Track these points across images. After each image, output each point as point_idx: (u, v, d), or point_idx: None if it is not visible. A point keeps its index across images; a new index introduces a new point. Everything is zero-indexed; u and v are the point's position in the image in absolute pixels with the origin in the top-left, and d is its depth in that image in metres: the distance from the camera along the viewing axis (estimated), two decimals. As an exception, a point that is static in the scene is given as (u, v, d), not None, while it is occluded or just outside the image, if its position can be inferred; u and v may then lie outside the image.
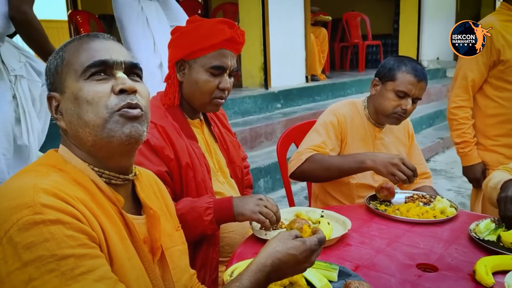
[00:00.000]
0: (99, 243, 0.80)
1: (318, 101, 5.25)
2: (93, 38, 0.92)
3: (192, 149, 1.53)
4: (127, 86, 0.88)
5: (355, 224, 1.51)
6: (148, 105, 0.93)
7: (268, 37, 4.81)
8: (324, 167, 1.80)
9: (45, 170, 0.84)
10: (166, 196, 1.12)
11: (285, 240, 0.96)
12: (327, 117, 1.94)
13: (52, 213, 0.74)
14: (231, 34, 1.49)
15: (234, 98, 4.23)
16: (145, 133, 0.91)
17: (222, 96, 1.55)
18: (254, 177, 3.41)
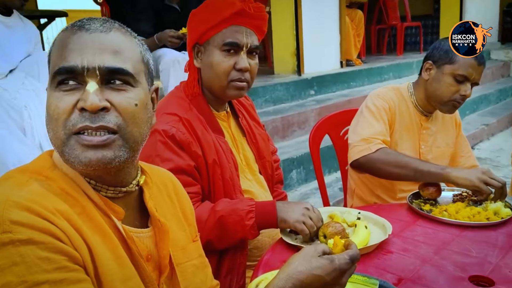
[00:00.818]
0: (84, 264, 0.68)
1: (354, 87, 5.02)
2: (75, 31, 0.75)
3: (219, 144, 1.41)
4: (88, 105, 0.71)
5: (396, 227, 1.36)
6: (132, 120, 0.76)
7: (300, 20, 4.60)
8: (399, 164, 1.61)
9: (25, 178, 0.72)
10: (185, 201, 0.99)
11: (309, 258, 0.83)
12: (377, 101, 1.77)
13: (23, 232, 0.63)
14: (242, 7, 1.36)
15: (265, 85, 4.07)
16: (122, 157, 0.75)
17: (241, 78, 1.40)
18: (286, 168, 3.29)
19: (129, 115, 0.75)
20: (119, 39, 0.77)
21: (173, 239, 0.88)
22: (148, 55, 0.85)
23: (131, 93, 0.76)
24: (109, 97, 0.74)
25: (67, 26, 0.77)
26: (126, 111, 0.75)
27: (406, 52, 7.09)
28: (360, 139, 1.68)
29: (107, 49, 0.75)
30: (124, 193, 0.81)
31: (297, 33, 4.60)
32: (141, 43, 0.83)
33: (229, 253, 1.37)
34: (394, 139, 1.77)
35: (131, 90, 0.77)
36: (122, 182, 0.81)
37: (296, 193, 3.30)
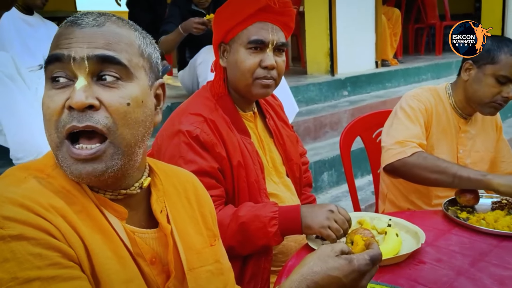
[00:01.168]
0: (79, 261, 0.66)
1: (389, 88, 4.89)
2: (67, 26, 0.71)
3: (245, 146, 1.37)
4: (73, 102, 0.67)
5: (429, 236, 1.28)
6: (123, 121, 0.71)
7: (334, 20, 4.52)
8: (436, 169, 1.52)
9: (23, 175, 0.70)
10: (205, 204, 0.95)
11: (325, 257, 0.77)
12: (413, 102, 1.69)
13: (14, 227, 0.61)
14: (266, 2, 1.32)
15: (297, 85, 4.02)
16: (116, 167, 0.71)
17: (267, 75, 1.36)
18: (317, 170, 3.23)
19: (120, 115, 0.70)
20: (113, 32, 0.73)
21: (188, 242, 0.85)
22: (151, 50, 0.80)
23: (124, 90, 0.71)
24: (100, 94, 0.69)
25: (67, 20, 0.74)
26: (117, 111, 0.70)
27: (445, 52, 6.85)
28: (395, 142, 1.60)
29: (99, 41, 0.70)
30: (124, 195, 0.78)
31: (331, 32, 4.52)
32: (142, 37, 0.78)
33: (253, 258, 1.33)
34: (430, 143, 1.68)
35: (124, 86, 0.72)
36: (121, 186, 0.78)
37: (327, 195, 3.24)
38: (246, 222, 1.24)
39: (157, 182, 0.86)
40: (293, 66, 5.90)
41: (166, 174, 0.90)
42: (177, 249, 0.83)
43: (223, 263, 0.93)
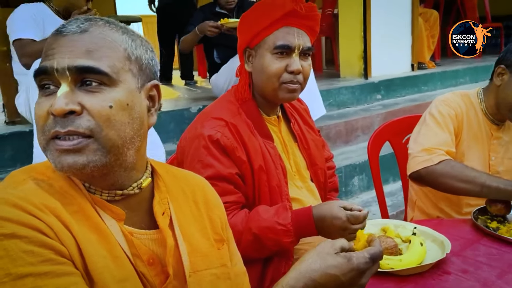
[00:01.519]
0: (71, 258, 0.68)
1: (425, 92, 4.77)
2: (53, 35, 0.74)
3: (267, 150, 1.37)
4: (53, 109, 0.69)
5: (456, 245, 1.25)
6: (106, 123, 0.71)
7: (369, 21, 4.45)
8: (464, 178, 1.48)
9: (23, 177, 0.73)
10: (215, 208, 0.95)
11: (324, 255, 0.76)
12: (442, 108, 1.65)
13: (7, 226, 0.63)
14: (293, 7, 1.32)
15: (329, 89, 3.99)
16: (96, 162, 0.72)
17: (293, 80, 1.36)
18: (347, 174, 3.19)
19: (103, 118, 0.71)
20: (95, 38, 0.74)
21: (193, 244, 0.86)
22: (141, 51, 0.79)
23: (107, 94, 0.72)
24: (82, 99, 0.71)
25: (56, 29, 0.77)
26: (100, 114, 0.71)
27: (485, 55, 6.63)
28: (421, 149, 1.56)
29: (79, 49, 0.72)
30: (121, 195, 0.79)
31: (365, 35, 4.46)
32: (131, 39, 0.78)
33: (273, 263, 1.33)
34: (461, 150, 1.63)
35: (106, 90, 0.72)
36: (115, 185, 0.78)
37: (357, 200, 3.20)
38: (259, 236, 1.24)
39: (160, 185, 0.87)
40: (327, 69, 5.86)
41: (175, 177, 0.91)
42: (179, 251, 0.83)
43: (230, 268, 0.93)
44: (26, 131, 2.58)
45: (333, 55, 5.88)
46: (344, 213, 1.21)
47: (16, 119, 2.71)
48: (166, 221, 0.83)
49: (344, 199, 3.20)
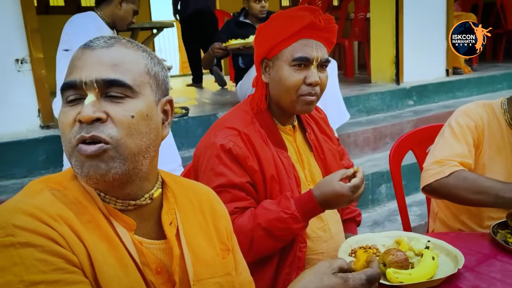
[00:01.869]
0: (82, 267, 0.71)
1: (460, 98, 4.64)
2: (81, 50, 0.80)
3: (280, 159, 1.38)
4: (81, 116, 0.74)
5: (471, 260, 1.22)
6: (128, 132, 0.77)
7: (401, 26, 4.37)
8: (477, 190, 1.45)
9: (40, 187, 0.78)
10: (221, 218, 0.98)
11: (321, 274, 0.78)
12: (461, 119, 1.61)
13: (23, 235, 0.67)
14: (312, 20, 1.32)
15: (358, 95, 3.95)
16: (116, 169, 0.76)
17: (311, 92, 1.36)
18: (375, 182, 3.14)
19: (124, 126, 0.76)
20: (120, 53, 0.80)
21: (197, 254, 0.88)
22: (158, 69, 0.86)
23: (129, 104, 0.78)
24: (107, 108, 0.76)
25: (83, 44, 0.82)
26: (122, 122, 0.76)
27: (526, 59, 6.39)
28: (434, 161, 1.53)
29: (106, 63, 0.78)
30: (134, 206, 0.83)
31: (397, 39, 4.38)
32: (150, 57, 0.85)
33: (283, 272, 1.34)
34: (482, 162, 1.58)
35: (129, 101, 0.78)
36: (130, 195, 0.82)
37: (385, 209, 3.14)
38: (269, 228, 1.26)
39: (168, 195, 0.90)
40: (359, 74, 5.79)
41: (183, 187, 0.94)
42: (184, 260, 0.86)
43: (235, 277, 0.95)
44: (59, 135, 2.68)
45: (365, 60, 5.81)
46: (347, 188, 1.23)
47: (50, 123, 2.83)
48: (173, 231, 0.87)
49: (371, 207, 3.15)
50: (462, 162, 1.52)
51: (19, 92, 2.76)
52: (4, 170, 2.58)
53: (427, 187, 1.54)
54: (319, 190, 1.26)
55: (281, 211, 1.26)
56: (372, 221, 2.97)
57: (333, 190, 1.23)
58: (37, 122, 2.83)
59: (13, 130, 2.75)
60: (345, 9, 5.75)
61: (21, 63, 2.73)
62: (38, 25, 2.79)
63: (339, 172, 1.27)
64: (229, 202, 1.27)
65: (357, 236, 1.39)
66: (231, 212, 1.26)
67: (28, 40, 2.74)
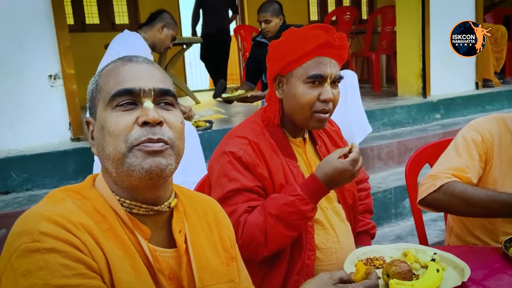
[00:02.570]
0: (101, 273, 0.76)
1: (490, 111, 4.54)
2: (126, 62, 0.88)
3: (289, 168, 1.42)
4: (150, 118, 0.82)
5: (479, 274, 1.21)
6: (179, 135, 0.87)
7: (428, 39, 4.35)
8: (467, 201, 1.45)
9: (62, 196, 0.83)
10: (224, 228, 1.03)
11: (322, 285, 0.82)
12: (467, 133, 1.61)
13: (48, 241, 0.72)
14: (326, 38, 1.36)
15: (383, 108, 3.93)
16: (172, 166, 0.84)
17: (325, 109, 1.40)
18: (398, 196, 3.12)
19: (177, 129, 0.86)
20: (160, 71, 0.91)
21: (203, 261, 0.93)
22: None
23: (176, 113, 0.88)
24: (162, 114, 0.85)
25: (115, 60, 0.90)
26: (176, 126, 0.86)
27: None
28: (428, 175, 1.54)
29: (156, 76, 0.88)
30: (155, 211, 0.88)
31: (424, 52, 4.35)
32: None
33: (293, 277, 1.36)
34: (493, 176, 1.56)
35: (175, 110, 0.88)
36: (157, 199, 0.88)
37: (408, 223, 3.10)
38: (279, 215, 1.28)
39: (178, 205, 0.95)
40: (387, 87, 5.75)
41: (190, 199, 0.99)
42: (191, 267, 0.91)
43: (238, 283, 0.99)
44: (88, 147, 2.82)
45: (393, 73, 5.78)
46: (347, 163, 1.27)
47: (80, 136, 2.96)
48: (182, 238, 0.92)
49: (394, 221, 3.12)
50: (458, 175, 1.51)
51: (51, 106, 2.91)
52: (36, 180, 2.72)
53: (422, 201, 1.54)
54: (321, 171, 1.30)
55: (288, 195, 1.30)
56: (395, 236, 2.94)
57: (335, 168, 1.28)
58: (68, 135, 2.97)
59: (45, 142, 2.90)
60: (372, 22, 5.75)
61: (54, 79, 2.89)
62: (70, 43, 2.94)
63: (336, 152, 1.31)
64: (243, 202, 1.32)
65: (365, 248, 1.40)
66: (244, 210, 1.31)
67: (60, 56, 2.90)
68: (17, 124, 2.85)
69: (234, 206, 1.33)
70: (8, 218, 2.30)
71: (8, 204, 2.51)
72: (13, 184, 2.68)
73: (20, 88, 2.83)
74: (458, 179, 1.51)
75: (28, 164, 2.70)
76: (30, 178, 2.71)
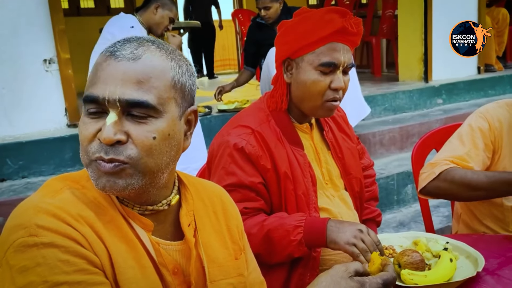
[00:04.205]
0: (103, 268, 0.71)
1: (492, 96, 4.49)
2: (105, 59, 0.76)
3: (295, 157, 1.36)
4: (102, 138, 0.72)
5: (493, 263, 1.17)
6: (147, 152, 0.74)
7: (430, 23, 4.27)
8: (467, 186, 1.42)
9: (60, 186, 0.77)
10: (232, 218, 0.97)
11: (338, 278, 0.77)
12: (475, 121, 1.55)
13: (46, 235, 0.67)
14: (343, 24, 1.28)
15: (385, 93, 3.87)
16: (134, 185, 0.75)
17: (336, 97, 1.34)
18: (401, 182, 3.08)
19: (145, 147, 0.74)
20: (147, 67, 0.76)
21: (211, 255, 0.88)
22: (186, 78, 0.82)
23: (152, 125, 0.75)
24: (129, 128, 0.74)
25: (105, 50, 0.78)
26: (143, 144, 0.74)
27: None
28: (428, 163, 1.50)
29: (131, 80, 0.74)
30: (151, 211, 0.82)
31: (426, 37, 4.28)
32: (178, 66, 0.80)
33: (298, 271, 1.32)
34: (502, 165, 1.51)
35: (152, 122, 0.75)
36: (147, 202, 0.82)
37: (410, 209, 3.07)
38: (271, 230, 1.24)
39: (188, 197, 0.89)
40: (388, 72, 5.69)
41: (196, 188, 0.93)
42: (201, 261, 0.85)
43: (247, 277, 0.94)
44: (85, 134, 2.76)
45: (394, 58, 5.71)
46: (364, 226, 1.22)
47: (76, 122, 2.89)
48: (191, 232, 0.86)
49: (396, 207, 3.09)
50: (458, 163, 1.47)
51: (46, 92, 2.84)
52: (32, 167, 2.66)
53: (423, 190, 1.51)
54: (336, 220, 1.26)
55: (291, 220, 1.25)
56: (397, 222, 2.91)
57: (349, 222, 1.25)
58: (64, 121, 2.90)
59: (41, 129, 2.83)
60: (373, 6, 5.66)
61: (49, 63, 2.81)
62: (65, 27, 2.86)
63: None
64: (238, 202, 1.26)
65: (374, 236, 1.36)
66: (240, 211, 1.25)
67: (55, 41, 2.82)
68: (12, 110, 2.77)
69: None
70: (4, 206, 2.24)
71: (4, 192, 2.46)
72: (8, 171, 2.62)
73: (14, 73, 2.75)
74: (457, 166, 1.47)
75: (24, 151, 2.64)
76: (26, 166, 2.65)
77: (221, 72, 8.36)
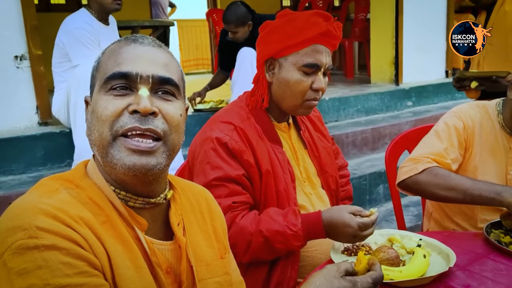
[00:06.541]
0: (103, 270, 0.71)
1: (459, 99, 4.64)
2: (129, 43, 0.81)
3: (275, 154, 1.39)
4: (141, 107, 0.75)
5: (464, 259, 1.22)
6: (175, 129, 0.80)
7: (401, 27, 4.38)
8: (447, 186, 1.46)
9: (56, 186, 0.76)
10: (217, 217, 0.99)
11: (331, 278, 0.79)
12: (450, 119, 1.61)
13: (47, 238, 0.66)
14: (327, 27, 1.33)
15: (357, 95, 3.95)
16: (161, 165, 0.78)
17: (316, 97, 1.38)
18: (372, 182, 3.15)
19: (174, 123, 0.80)
20: (167, 55, 0.84)
21: (198, 254, 0.89)
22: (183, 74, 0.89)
23: (177, 103, 0.82)
24: (158, 104, 0.78)
25: (120, 39, 0.83)
26: (173, 119, 0.79)
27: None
28: (408, 158, 1.55)
29: (159, 62, 0.81)
30: (151, 204, 0.83)
31: (397, 40, 4.39)
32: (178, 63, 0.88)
33: (279, 266, 1.34)
34: (472, 164, 1.58)
35: (175, 101, 0.82)
36: (151, 193, 0.83)
37: (382, 209, 3.15)
38: (269, 239, 1.26)
39: (176, 196, 0.90)
40: (359, 74, 5.79)
41: (182, 188, 0.94)
42: (189, 260, 0.86)
43: (232, 276, 0.96)
44: (57, 132, 2.71)
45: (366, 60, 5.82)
46: (356, 221, 1.22)
47: (48, 120, 2.83)
48: (181, 232, 0.87)
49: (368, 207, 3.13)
50: (438, 160, 1.52)
51: (17, 89, 2.76)
52: (2, 166, 2.58)
53: (401, 183, 1.55)
54: (329, 213, 1.27)
55: (286, 226, 1.26)
56: (369, 221, 2.97)
57: (342, 218, 1.24)
58: (36, 119, 2.83)
59: (11, 127, 2.75)
60: (346, 9, 5.76)
61: (20, 60, 2.74)
62: (37, 22, 2.79)
63: (353, 207, 1.28)
64: (226, 197, 1.28)
65: (350, 234, 1.39)
66: (229, 206, 1.27)
67: (27, 37, 2.74)
68: (-19, 107, 2.69)
69: (217, 200, 1.29)
70: (-28, 205, 2.18)
71: (-27, 191, 2.38)
72: (-23, 170, 2.54)
73: (-16, 69, 2.67)
74: (438, 165, 1.52)
75: (-6, 149, 2.57)
76: (-4, 164, 2.58)
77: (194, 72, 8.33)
